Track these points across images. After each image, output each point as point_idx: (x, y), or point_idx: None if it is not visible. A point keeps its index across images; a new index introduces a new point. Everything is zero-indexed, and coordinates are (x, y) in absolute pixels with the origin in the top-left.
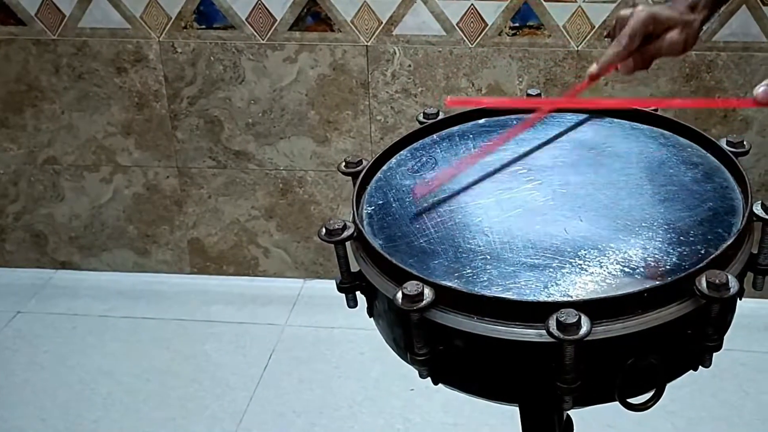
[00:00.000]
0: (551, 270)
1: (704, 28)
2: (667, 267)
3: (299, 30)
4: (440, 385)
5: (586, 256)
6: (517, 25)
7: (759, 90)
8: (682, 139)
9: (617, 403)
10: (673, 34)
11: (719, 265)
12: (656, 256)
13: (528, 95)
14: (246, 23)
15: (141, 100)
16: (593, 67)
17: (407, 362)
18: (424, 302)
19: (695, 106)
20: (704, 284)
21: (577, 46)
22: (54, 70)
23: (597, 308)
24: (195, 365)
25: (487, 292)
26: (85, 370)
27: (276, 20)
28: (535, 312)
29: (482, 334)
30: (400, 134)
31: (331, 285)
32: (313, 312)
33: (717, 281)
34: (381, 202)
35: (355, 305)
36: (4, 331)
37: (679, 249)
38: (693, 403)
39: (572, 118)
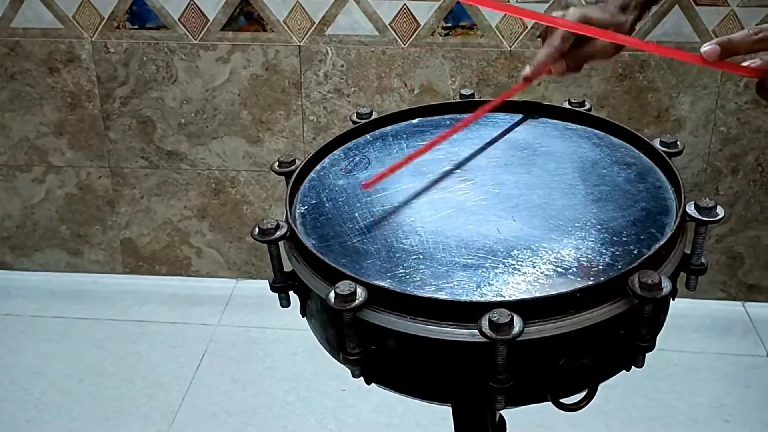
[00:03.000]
0: (484, 270)
1: (636, 28)
2: (600, 267)
3: (232, 30)
4: (373, 385)
5: (519, 256)
6: (449, 25)
7: (706, 47)
8: (615, 140)
9: (550, 403)
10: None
11: (652, 266)
12: (589, 256)
13: (461, 96)
14: (178, 23)
15: (73, 100)
16: (527, 70)
17: (340, 362)
18: (357, 302)
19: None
20: (637, 284)
21: (510, 46)
22: None
23: (529, 308)
24: (127, 365)
25: (419, 292)
26: (18, 371)
27: (208, 20)
28: (468, 312)
29: (415, 333)
30: (332, 134)
31: (263, 285)
32: (245, 312)
33: (650, 281)
34: (314, 201)
35: (288, 305)
36: None
37: (611, 249)
38: (626, 403)
39: (506, 118)
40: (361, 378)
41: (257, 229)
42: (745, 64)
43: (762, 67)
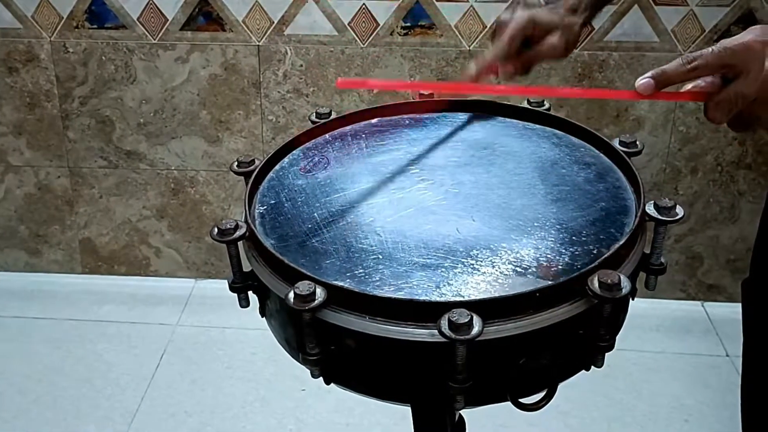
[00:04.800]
0: (443, 270)
1: (596, 28)
2: (560, 267)
3: (191, 30)
4: (332, 385)
5: (479, 255)
6: (408, 24)
7: (640, 81)
8: (574, 139)
9: (510, 402)
10: (554, 39)
11: (611, 265)
12: (548, 256)
13: (421, 95)
14: (137, 23)
15: (32, 99)
16: (471, 68)
17: (299, 362)
18: (316, 302)
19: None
20: (596, 284)
21: (469, 46)
22: None
23: (489, 308)
24: (86, 365)
25: (378, 292)
26: None
27: (167, 20)
28: (427, 312)
29: (374, 333)
30: (291, 134)
31: (222, 285)
32: (204, 312)
33: (609, 281)
34: (273, 201)
35: (247, 305)
36: None
37: (571, 249)
38: (585, 402)
39: (464, 118)
40: (321, 378)
41: (216, 229)
42: (686, 88)
43: (704, 89)
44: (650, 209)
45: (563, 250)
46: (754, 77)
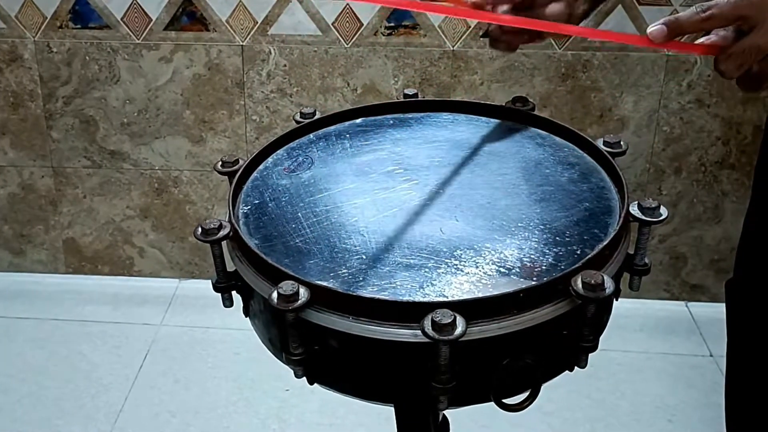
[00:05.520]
0: (427, 270)
1: (582, 25)
2: (543, 267)
3: (174, 30)
4: (316, 385)
5: (462, 256)
6: (392, 24)
7: (653, 28)
8: (558, 139)
9: (493, 403)
10: (558, 6)
11: (595, 266)
12: (532, 256)
13: (405, 96)
14: (121, 23)
15: (16, 99)
16: None
17: (283, 362)
18: (300, 302)
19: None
20: (580, 285)
21: (453, 46)
22: None
23: (472, 308)
24: (70, 365)
25: (362, 292)
26: None
27: (151, 20)
28: (411, 312)
29: (357, 334)
30: (275, 134)
31: (206, 285)
32: (188, 312)
33: (593, 282)
34: (257, 201)
35: (231, 305)
36: None
37: (555, 249)
38: (569, 403)
39: (449, 118)
40: (304, 378)
41: (200, 229)
42: (700, 41)
43: (716, 43)
44: (634, 210)
45: (547, 251)
46: None
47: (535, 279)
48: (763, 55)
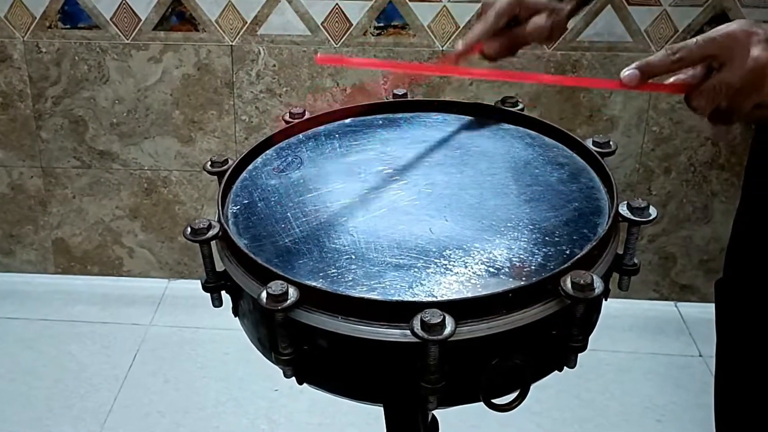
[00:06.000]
0: (416, 270)
1: (569, 28)
2: (532, 267)
3: (164, 30)
4: (305, 385)
5: (451, 256)
6: (381, 25)
7: (626, 73)
8: (548, 139)
9: (482, 403)
10: (540, 20)
11: (584, 266)
12: (521, 256)
13: (394, 95)
14: (110, 23)
15: (5, 100)
16: (459, 44)
17: (272, 362)
18: (289, 302)
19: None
20: (569, 285)
21: (442, 46)
22: None
23: (462, 308)
24: (59, 365)
25: (351, 292)
26: None
27: (141, 20)
28: (400, 312)
29: (346, 333)
30: (264, 134)
31: (196, 285)
32: (177, 312)
33: (582, 282)
34: (246, 201)
35: (220, 305)
36: None
37: (544, 249)
38: (558, 403)
39: (438, 118)
40: (293, 378)
41: (189, 229)
42: (671, 80)
43: (687, 82)
44: (623, 210)
45: (536, 251)
46: (739, 66)
47: (524, 279)
48: (732, 91)
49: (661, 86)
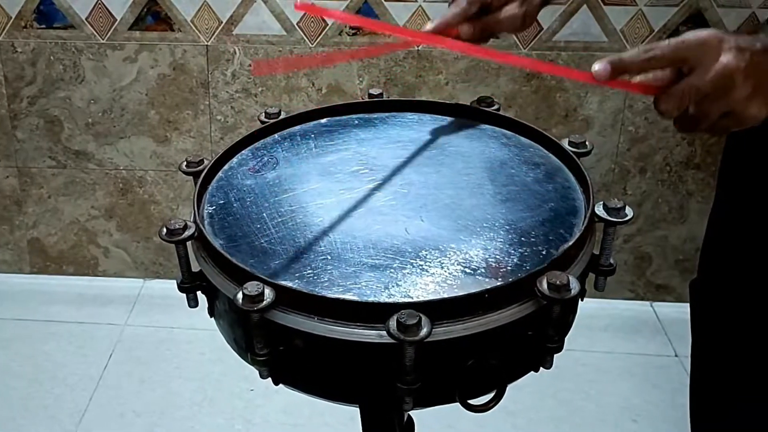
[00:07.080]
0: (392, 270)
1: (545, 28)
2: (509, 268)
3: (139, 30)
4: (281, 385)
5: (427, 256)
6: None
7: (597, 66)
8: (524, 139)
9: (458, 404)
10: (512, 7)
11: (560, 266)
12: (497, 256)
13: (370, 96)
14: (86, 23)
15: None
16: (427, 26)
17: (248, 362)
18: (265, 302)
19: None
20: (545, 285)
21: (418, 46)
22: None
23: (438, 309)
24: (35, 365)
25: (327, 293)
26: None
27: (116, 20)
28: (376, 313)
29: (322, 334)
30: (240, 134)
31: (171, 285)
32: (153, 312)
33: (558, 282)
34: (222, 202)
35: (196, 305)
36: None
37: (520, 250)
38: (534, 403)
39: (414, 118)
40: (269, 378)
41: (165, 229)
42: (640, 79)
43: (657, 83)
44: (599, 210)
45: (512, 251)
46: (708, 71)
47: (500, 279)
48: (700, 97)
49: (630, 84)
